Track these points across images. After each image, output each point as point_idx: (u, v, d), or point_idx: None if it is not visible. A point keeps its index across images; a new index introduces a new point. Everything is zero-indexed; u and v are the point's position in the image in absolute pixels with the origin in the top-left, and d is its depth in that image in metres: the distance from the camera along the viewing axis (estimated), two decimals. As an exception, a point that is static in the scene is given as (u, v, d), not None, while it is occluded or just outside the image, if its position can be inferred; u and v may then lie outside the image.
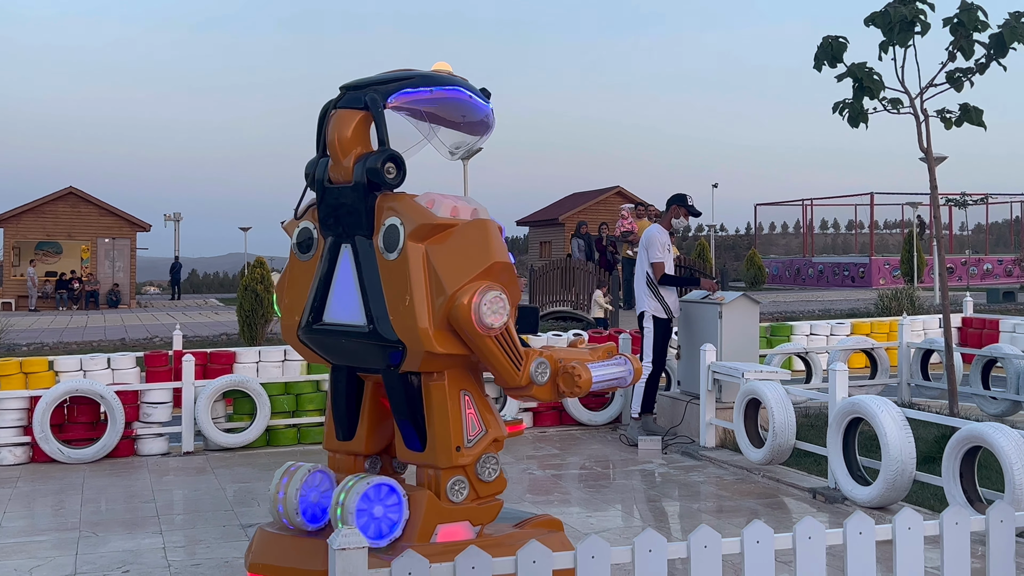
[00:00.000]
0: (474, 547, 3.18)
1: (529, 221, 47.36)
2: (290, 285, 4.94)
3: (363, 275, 4.71)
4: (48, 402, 8.50)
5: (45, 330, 24.97)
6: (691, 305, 9.36)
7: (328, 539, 3.11)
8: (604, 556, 3.26)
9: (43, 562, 5.78)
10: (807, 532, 3.48)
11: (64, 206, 39.48)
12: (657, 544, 3.30)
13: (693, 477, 7.79)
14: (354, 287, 4.74)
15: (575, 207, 42.09)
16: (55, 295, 38.44)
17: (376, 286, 4.63)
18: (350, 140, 4.68)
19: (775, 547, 3.47)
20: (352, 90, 4.80)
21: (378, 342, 4.57)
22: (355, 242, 4.72)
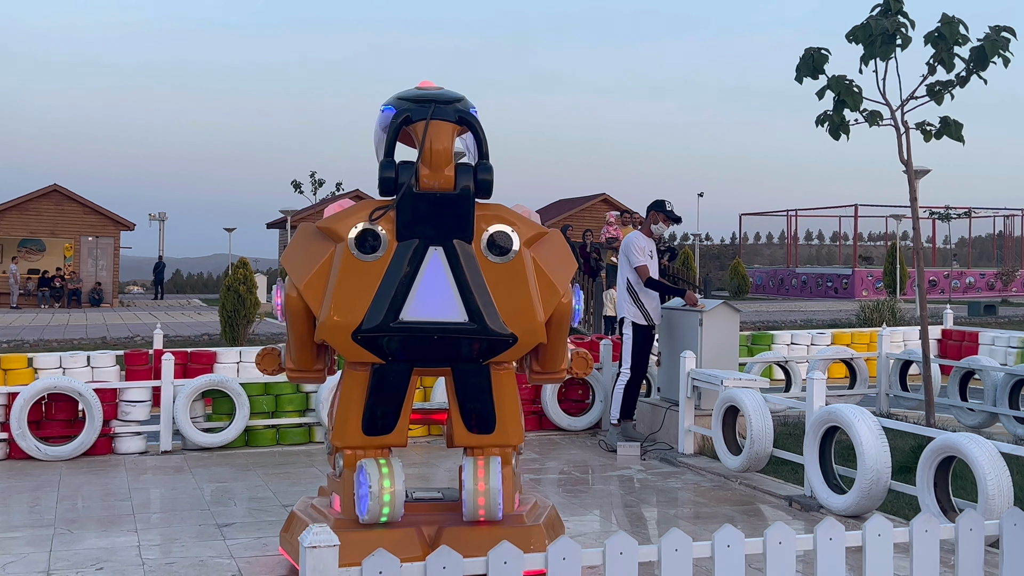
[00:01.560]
0: (445, 547, 3.19)
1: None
2: (341, 286, 5.01)
3: (464, 275, 5.09)
4: (26, 399, 8.46)
5: (26, 328, 24.87)
6: (672, 312, 9.39)
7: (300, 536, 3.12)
8: (575, 558, 3.27)
9: (17, 558, 5.76)
10: (778, 537, 3.50)
11: (48, 204, 39.34)
12: (628, 547, 3.32)
13: (671, 483, 7.81)
14: (448, 287, 5.08)
15: (561, 214, 42.19)
16: (37, 293, 38.28)
17: (481, 286, 5.06)
18: (450, 151, 5.15)
19: (746, 552, 3.49)
20: (440, 104, 5.20)
21: (485, 336, 5.04)
22: (451, 245, 5.08)
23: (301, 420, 9.51)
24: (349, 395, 5.16)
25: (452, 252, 5.11)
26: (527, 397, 10.10)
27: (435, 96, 5.25)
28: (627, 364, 9.08)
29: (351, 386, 5.16)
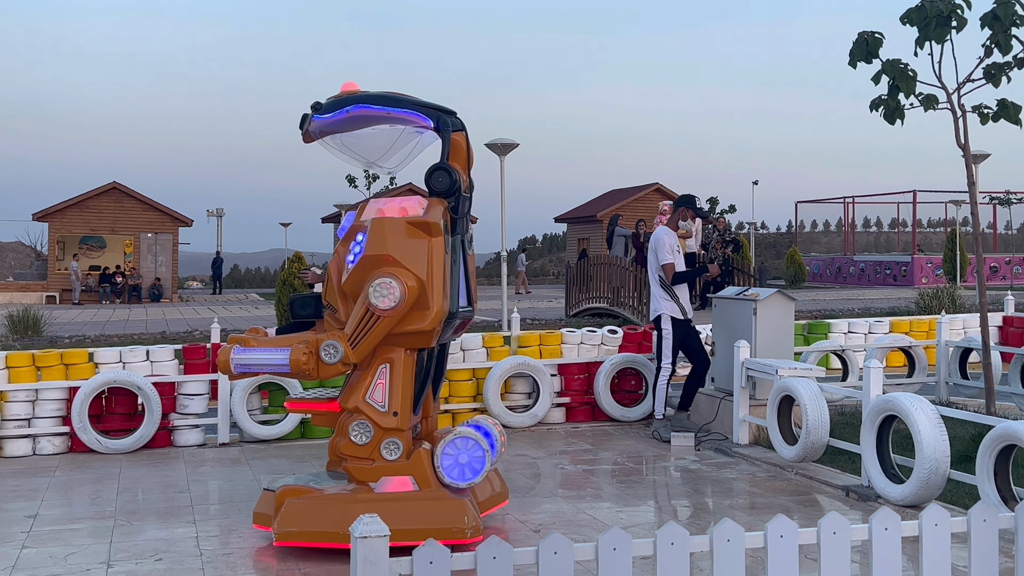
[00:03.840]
0: (556, 533, 3.19)
1: (567, 218, 47.32)
2: (440, 277, 5.74)
3: (465, 265, 6.05)
4: (87, 392, 8.63)
5: (88, 323, 25.33)
6: (726, 301, 9.32)
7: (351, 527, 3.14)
8: (625, 548, 3.25)
9: (78, 549, 5.87)
10: (832, 527, 3.45)
11: (108, 201, 40.00)
12: (679, 537, 3.29)
13: (726, 474, 7.75)
14: (462, 275, 5.99)
15: (613, 204, 42.00)
16: (98, 289, 38.96)
17: (470, 274, 6.11)
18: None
19: (800, 542, 3.45)
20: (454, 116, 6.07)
21: (471, 318, 6.12)
22: (464, 239, 6.00)
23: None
24: (406, 380, 5.75)
25: (463, 245, 6.02)
26: (580, 388, 10.09)
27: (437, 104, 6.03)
28: (667, 359, 9.05)
29: (406, 372, 5.75)
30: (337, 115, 5.99)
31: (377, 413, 5.73)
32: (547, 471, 7.98)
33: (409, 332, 5.73)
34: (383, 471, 5.74)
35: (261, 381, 9.21)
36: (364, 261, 5.71)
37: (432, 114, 6.01)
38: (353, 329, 5.68)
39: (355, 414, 5.76)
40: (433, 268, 5.71)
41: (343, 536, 5.44)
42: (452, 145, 6.01)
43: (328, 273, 6.02)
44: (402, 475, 5.73)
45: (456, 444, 5.81)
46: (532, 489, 7.39)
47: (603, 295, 21.96)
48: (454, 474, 5.78)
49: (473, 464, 5.80)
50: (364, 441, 5.73)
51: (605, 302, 21.70)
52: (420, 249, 5.70)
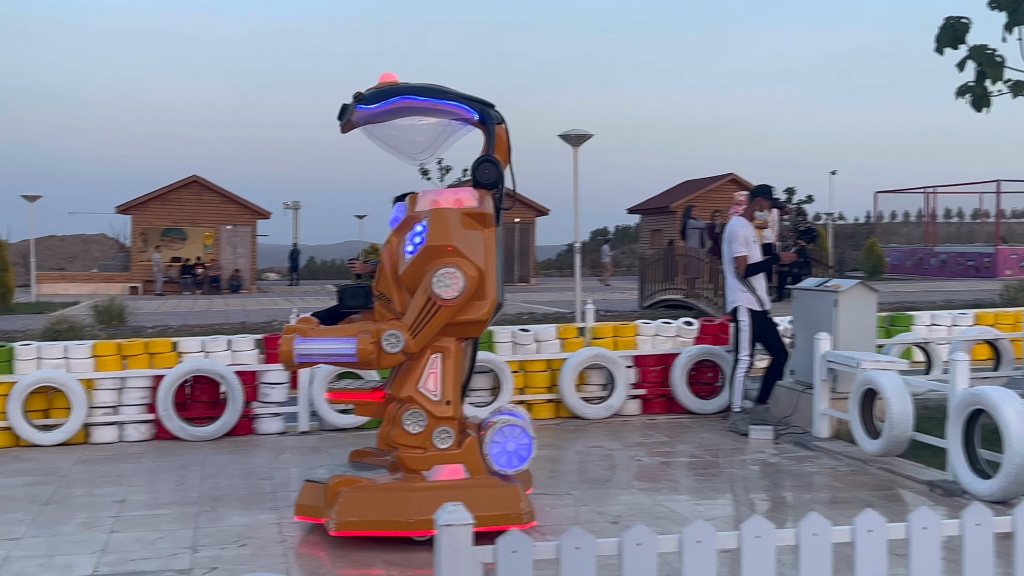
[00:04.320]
0: (640, 525, 3.17)
1: (640, 209, 47.03)
2: (492, 265, 5.80)
3: (501, 253, 6.03)
4: (171, 381, 8.81)
5: (170, 313, 25.86)
6: (806, 293, 9.18)
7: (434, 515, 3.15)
8: (710, 541, 3.22)
9: (165, 534, 6.00)
10: (922, 522, 3.38)
11: (188, 194, 40.75)
12: (765, 530, 3.25)
13: (806, 468, 7.64)
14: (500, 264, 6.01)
15: (687, 194, 41.64)
16: (180, 280, 39.76)
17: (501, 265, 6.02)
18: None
19: (888, 537, 3.38)
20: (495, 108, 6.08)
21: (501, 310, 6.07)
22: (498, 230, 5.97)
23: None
24: (456, 369, 5.88)
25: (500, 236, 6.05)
26: (656, 380, 10.03)
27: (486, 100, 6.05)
28: (744, 351, 8.93)
29: (457, 361, 5.87)
30: (382, 106, 5.99)
31: (430, 402, 5.79)
32: (623, 463, 7.95)
33: (464, 322, 5.80)
34: (435, 460, 5.78)
35: (342, 371, 9.31)
36: (425, 251, 5.74)
37: (476, 107, 6.03)
38: (414, 319, 5.70)
39: (408, 403, 5.80)
40: (488, 258, 5.79)
41: (404, 524, 5.56)
42: (496, 138, 6.00)
43: (381, 264, 6.03)
44: (454, 463, 5.79)
45: (504, 432, 5.88)
46: (608, 481, 7.37)
47: (678, 286, 21.79)
48: (502, 461, 5.86)
49: (520, 451, 5.91)
50: (418, 430, 5.77)
51: (680, 294, 21.53)
52: (478, 239, 5.78)
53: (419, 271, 5.75)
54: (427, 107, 6.05)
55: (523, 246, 43.01)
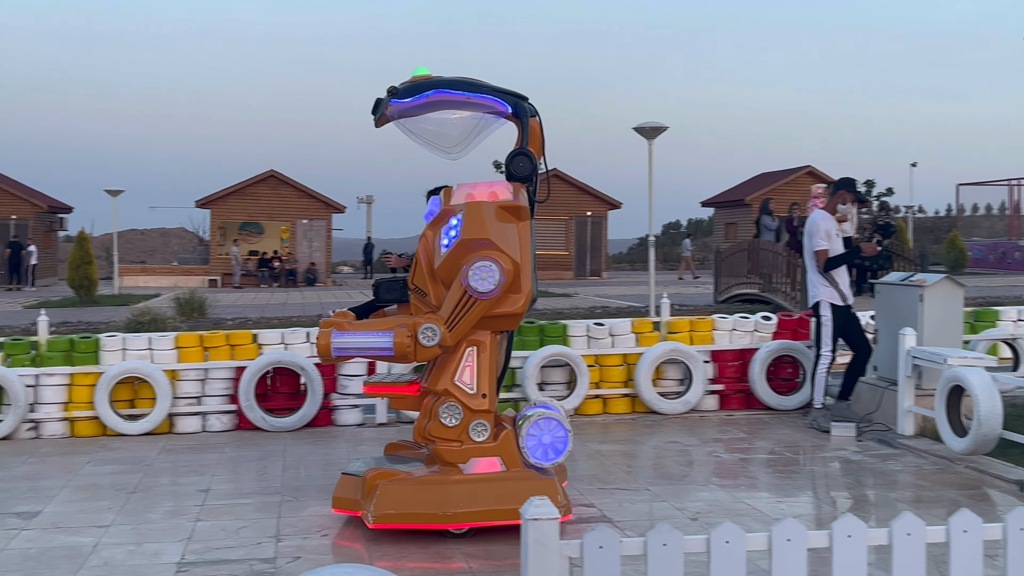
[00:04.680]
0: (731, 523, 3.14)
1: (714, 202, 46.58)
2: (527, 259, 5.80)
3: (534, 249, 5.97)
4: (252, 372, 8.95)
5: (248, 306, 26.28)
6: (890, 288, 9.00)
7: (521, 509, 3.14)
8: (800, 539, 3.17)
9: (248, 523, 6.09)
10: (1020, 523, 3.28)
11: (265, 189, 41.36)
12: (857, 530, 3.19)
13: (890, 466, 7.49)
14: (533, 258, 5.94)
15: (763, 187, 41.13)
16: (257, 273, 40.39)
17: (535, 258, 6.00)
18: None
19: (984, 537, 3.29)
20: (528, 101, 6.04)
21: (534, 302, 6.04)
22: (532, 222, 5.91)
23: (508, 395, 9.65)
24: (492, 362, 5.86)
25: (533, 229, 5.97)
26: (734, 375, 9.92)
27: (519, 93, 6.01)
28: (826, 347, 8.78)
29: (492, 354, 5.86)
30: (416, 100, 5.97)
31: (466, 395, 5.78)
32: (700, 459, 7.87)
33: (500, 315, 5.77)
34: (472, 452, 5.77)
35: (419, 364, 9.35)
36: (461, 245, 5.72)
37: (509, 100, 5.99)
38: (450, 312, 5.69)
39: (444, 396, 5.79)
40: (523, 252, 5.77)
41: (441, 517, 5.58)
42: (529, 131, 5.99)
43: (416, 258, 6.01)
44: (490, 456, 5.78)
45: (540, 425, 5.85)
46: (686, 477, 7.30)
47: (754, 281, 21.53)
48: (538, 454, 5.84)
49: (556, 444, 5.86)
50: (454, 423, 5.76)
51: (756, 288, 21.27)
52: (513, 233, 5.76)
53: (454, 264, 5.73)
54: (460, 100, 6.03)
55: (595, 240, 42.89)
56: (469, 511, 5.61)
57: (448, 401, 5.77)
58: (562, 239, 42.59)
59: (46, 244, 41.85)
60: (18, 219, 39.60)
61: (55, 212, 43.38)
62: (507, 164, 5.91)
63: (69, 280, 27.59)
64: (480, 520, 5.63)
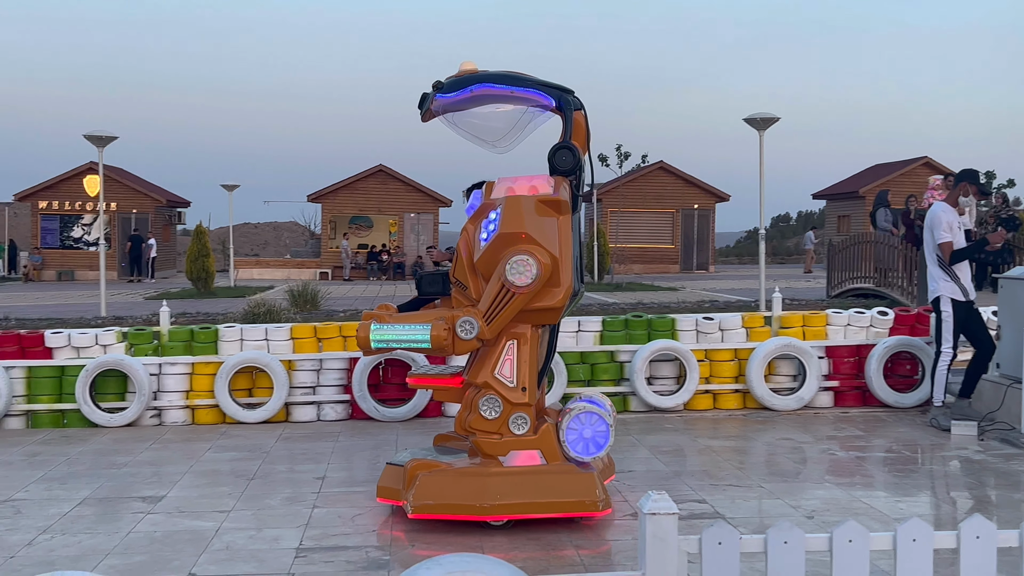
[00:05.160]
0: (786, 521, 3.11)
1: (826, 194, 45.58)
2: (567, 253, 5.77)
3: (580, 243, 5.99)
4: (366, 363, 9.11)
5: (358, 298, 26.72)
6: (1014, 283, 8.69)
7: (639, 503, 3.13)
8: (926, 540, 3.09)
9: (363, 511, 6.21)
10: None
11: (374, 183, 42.02)
12: (986, 531, 3.10)
13: (1014, 466, 7.24)
14: (576, 252, 5.93)
15: (878, 179, 40.10)
16: (366, 266, 41.06)
17: (580, 252, 6.00)
18: None
19: (1122, 544, 3.17)
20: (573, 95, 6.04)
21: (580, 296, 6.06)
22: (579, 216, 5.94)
23: (616, 389, 9.63)
24: (532, 356, 5.82)
25: (578, 223, 5.97)
26: (849, 371, 9.72)
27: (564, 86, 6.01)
28: (947, 344, 8.52)
29: (533, 348, 5.82)
30: (460, 94, 5.98)
31: (506, 388, 5.78)
32: (815, 456, 7.73)
33: (539, 309, 5.75)
34: (511, 445, 5.78)
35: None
36: (499, 239, 5.71)
37: (554, 93, 5.97)
38: (488, 305, 5.69)
39: (484, 389, 5.81)
40: (563, 245, 5.74)
41: (479, 508, 5.61)
42: (575, 124, 5.96)
43: (457, 251, 6.03)
44: (530, 449, 5.78)
45: (580, 419, 5.85)
46: (799, 474, 7.18)
47: (869, 275, 21.03)
48: (579, 448, 5.84)
49: (597, 438, 5.86)
50: (494, 416, 5.78)
51: (871, 282, 20.77)
52: (552, 227, 5.74)
53: (493, 258, 5.73)
54: (505, 95, 6.03)
55: (702, 233, 42.42)
56: (507, 503, 5.63)
57: (488, 394, 5.80)
58: (668, 232, 42.25)
59: (165, 237, 43.27)
60: (139, 213, 41.03)
61: (173, 206, 44.78)
62: (550, 158, 5.91)
63: (187, 272, 28.43)
64: (518, 512, 5.65)
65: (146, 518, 6.14)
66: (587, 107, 6.10)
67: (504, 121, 6.22)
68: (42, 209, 40.71)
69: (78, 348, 9.48)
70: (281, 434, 8.73)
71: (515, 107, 6.16)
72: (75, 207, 40.71)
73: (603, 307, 18.21)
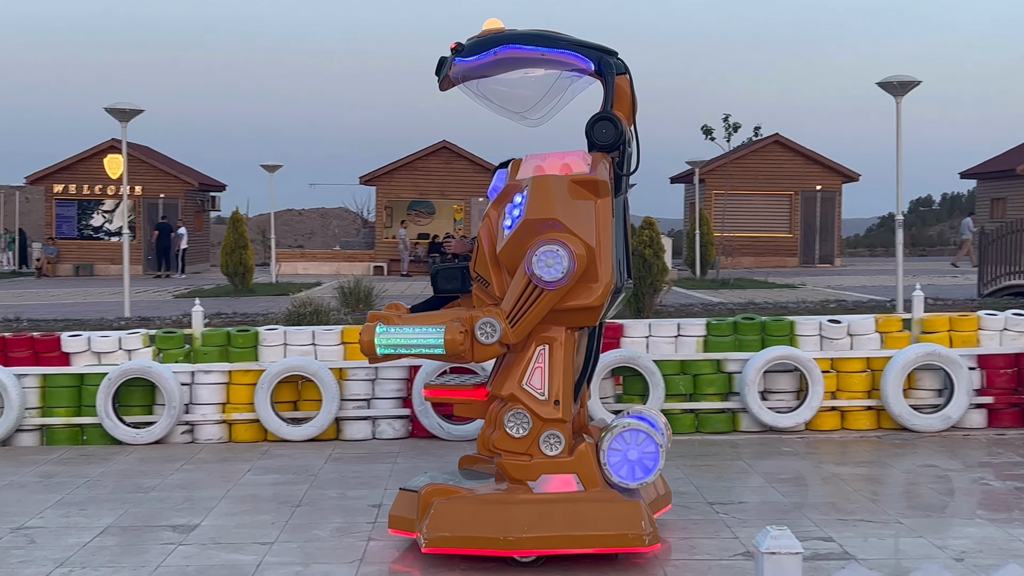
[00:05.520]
0: (934, 565, 3.06)
1: (976, 173, 44.70)
2: (606, 243, 5.70)
3: (626, 231, 5.97)
4: (428, 373, 9.17)
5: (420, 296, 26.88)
6: None
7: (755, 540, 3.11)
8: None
9: (427, 545, 6.24)
10: None
11: (437, 162, 42.17)
12: None
13: None
14: (623, 242, 5.95)
15: None
16: (427, 259, 41.25)
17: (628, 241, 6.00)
18: None
19: None
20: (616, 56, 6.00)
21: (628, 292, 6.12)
22: (626, 200, 5.95)
23: (723, 405, 9.57)
24: (567, 364, 5.75)
25: (624, 207, 5.97)
26: (1007, 385, 9.53)
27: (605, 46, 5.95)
28: None
29: (567, 354, 5.75)
30: (483, 57, 5.96)
31: (536, 402, 5.72)
32: (964, 486, 7.61)
33: (574, 308, 5.68)
34: (543, 468, 5.72)
35: (615, 367, 9.39)
36: (524, 226, 5.65)
37: (592, 54, 5.91)
38: (513, 304, 5.65)
39: (510, 403, 5.76)
40: (601, 234, 5.64)
41: (503, 543, 5.54)
42: (617, 91, 5.87)
43: (478, 241, 5.96)
44: (565, 473, 5.72)
45: (624, 438, 5.81)
46: (946, 507, 7.08)
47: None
48: (623, 472, 5.83)
49: (644, 461, 5.85)
50: (521, 434, 5.72)
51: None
52: (587, 212, 5.66)
53: (518, 248, 5.67)
54: (535, 57, 5.99)
55: (825, 219, 41.85)
56: (537, 536, 5.56)
57: (515, 408, 5.75)
58: (785, 219, 41.78)
59: (197, 226, 44.00)
60: (167, 198, 41.78)
61: (207, 190, 45.55)
62: (588, 130, 5.85)
63: (222, 266, 28.89)
64: (549, 547, 5.59)
65: (177, 550, 6.26)
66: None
67: (534, 88, 6.18)
68: (57, 194, 41.67)
69: (99, 353, 9.72)
70: (331, 454, 8.84)
71: (547, 72, 6.13)
72: (95, 191, 41.60)
73: (707, 307, 18.12)
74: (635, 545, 5.58)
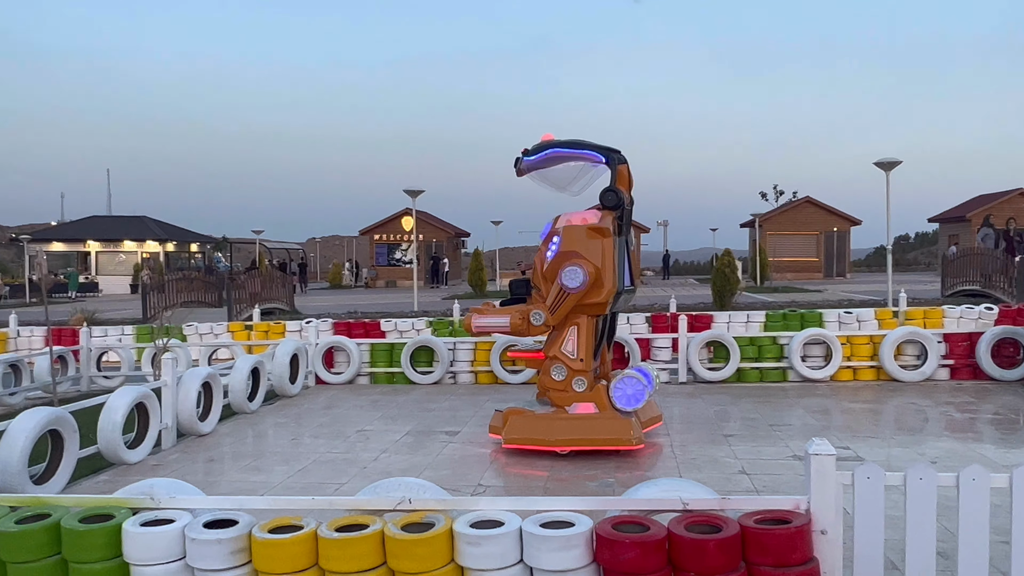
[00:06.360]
0: (923, 463, 2.89)
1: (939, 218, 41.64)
2: (608, 264, 5.77)
3: (629, 257, 5.94)
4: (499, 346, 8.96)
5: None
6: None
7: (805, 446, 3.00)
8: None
9: (595, 446, 6.20)
10: None
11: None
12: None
13: (1108, 429, 6.37)
14: (626, 263, 5.93)
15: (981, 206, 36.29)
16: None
17: (631, 263, 6.01)
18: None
19: None
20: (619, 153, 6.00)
21: (632, 293, 6.08)
22: (628, 238, 5.92)
23: (778, 364, 9.20)
24: (588, 337, 5.85)
25: (627, 243, 5.91)
26: (963, 353, 8.86)
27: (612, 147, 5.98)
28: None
29: (588, 331, 5.84)
30: (540, 156, 6.12)
31: (569, 359, 5.87)
32: (935, 416, 7.11)
33: (590, 303, 5.81)
34: (574, 399, 5.88)
35: (708, 340, 9.14)
36: (559, 256, 5.86)
37: (603, 152, 6.03)
38: (552, 301, 5.81)
39: (554, 360, 5.92)
40: (605, 259, 5.77)
41: (549, 442, 5.78)
42: (618, 174, 5.99)
43: (535, 265, 6.13)
44: (587, 402, 5.85)
45: (625, 382, 5.85)
46: (923, 430, 6.62)
47: (975, 279, 19.09)
48: (622, 402, 5.83)
49: (636, 395, 5.82)
50: (561, 378, 5.89)
51: (977, 285, 18.85)
52: (597, 246, 5.79)
53: (555, 269, 5.89)
54: (570, 155, 6.11)
55: (840, 249, 39.75)
56: (570, 438, 5.75)
57: (557, 363, 5.94)
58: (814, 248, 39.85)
59: (453, 258, 44.92)
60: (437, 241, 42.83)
61: (459, 236, 46.46)
62: (600, 197, 5.98)
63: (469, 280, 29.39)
64: (578, 445, 5.77)
65: (448, 446, 6.40)
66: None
67: (572, 174, 6.30)
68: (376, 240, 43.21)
69: (401, 331, 10.03)
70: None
71: (579, 163, 6.24)
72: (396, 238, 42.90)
73: (765, 304, 17.44)
74: (626, 444, 5.71)
